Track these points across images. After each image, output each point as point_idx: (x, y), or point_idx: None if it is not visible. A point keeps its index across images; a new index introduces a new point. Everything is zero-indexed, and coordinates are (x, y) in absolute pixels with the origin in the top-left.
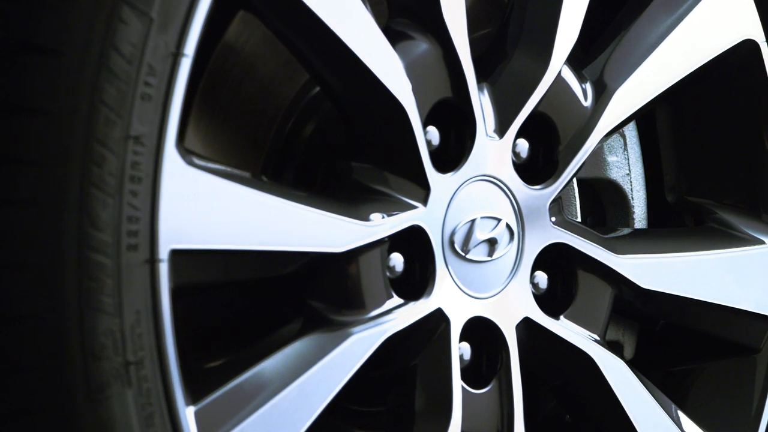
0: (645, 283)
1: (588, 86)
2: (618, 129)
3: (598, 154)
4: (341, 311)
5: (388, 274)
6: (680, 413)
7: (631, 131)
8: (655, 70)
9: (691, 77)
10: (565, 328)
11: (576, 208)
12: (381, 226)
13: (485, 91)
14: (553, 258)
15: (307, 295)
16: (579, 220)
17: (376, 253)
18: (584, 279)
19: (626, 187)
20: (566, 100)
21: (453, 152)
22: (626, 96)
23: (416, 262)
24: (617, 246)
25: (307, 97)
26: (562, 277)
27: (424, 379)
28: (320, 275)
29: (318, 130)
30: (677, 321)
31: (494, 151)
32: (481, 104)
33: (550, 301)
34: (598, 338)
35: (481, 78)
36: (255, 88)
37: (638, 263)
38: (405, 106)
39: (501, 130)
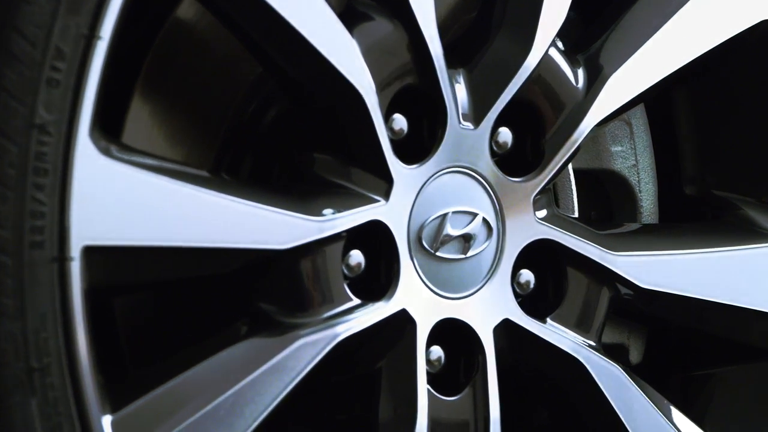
0: (645, 282)
1: (581, 71)
2: (615, 117)
3: (600, 143)
4: (289, 313)
5: (347, 272)
6: (683, 421)
7: (638, 119)
8: (659, 51)
9: (706, 59)
10: (551, 331)
11: (573, 201)
12: (332, 221)
13: (461, 78)
14: (540, 256)
15: (254, 296)
16: (576, 215)
17: (331, 250)
18: (575, 278)
19: (632, 179)
20: (553, 86)
21: (423, 142)
22: (624, 81)
23: (379, 261)
24: (614, 243)
25: (268, 82)
26: (551, 276)
27: (388, 384)
28: (267, 274)
29: (279, 118)
30: (688, 323)
31: (469, 140)
32: (453, 91)
33: (538, 301)
34: (590, 342)
35: (457, 64)
36: (209, 72)
37: (637, 261)
38: (362, 92)
39: (476, 118)
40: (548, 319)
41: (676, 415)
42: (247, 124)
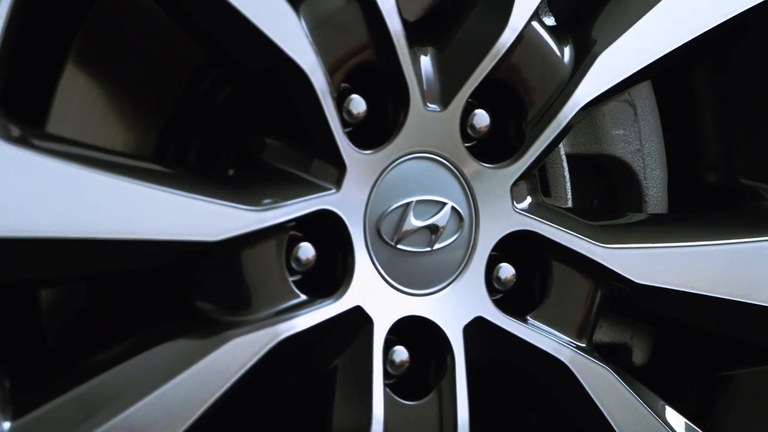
0: (641, 277)
1: (568, 48)
2: (608, 98)
3: (599, 126)
4: (224, 311)
5: (295, 267)
6: (678, 421)
7: (643, 99)
8: (661, 24)
9: (732, 29)
10: (531, 330)
11: (566, 190)
12: (271, 212)
13: (430, 55)
14: (522, 249)
15: (188, 293)
16: (569, 204)
17: (272, 243)
18: (560, 274)
19: (636, 165)
20: (535, 64)
21: (385, 126)
22: (617, 58)
23: (332, 254)
24: (606, 235)
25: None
26: (533, 271)
27: (343, 387)
28: (200, 270)
29: (228, 101)
30: (697, 323)
31: (437, 124)
32: (418, 70)
33: (519, 298)
34: (577, 343)
35: (425, 41)
36: (151, 52)
37: (630, 255)
38: (306, 71)
39: (445, 99)
40: (529, 318)
41: (671, 415)
42: (195, 108)
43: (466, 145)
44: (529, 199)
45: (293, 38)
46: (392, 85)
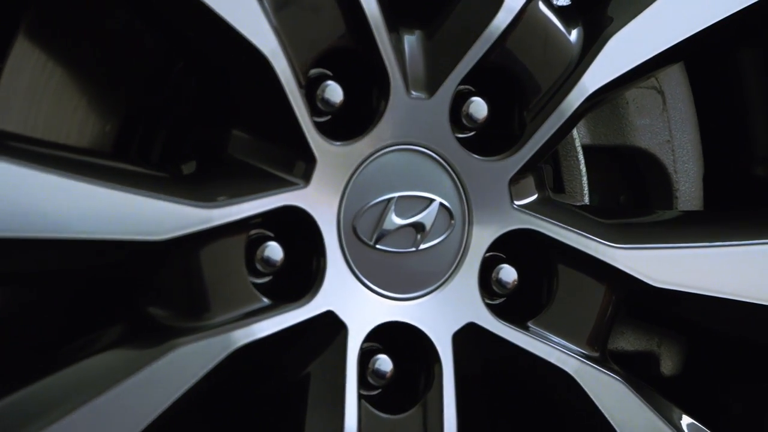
0: (658, 280)
1: (577, 31)
2: (622, 85)
3: (622, 116)
4: (176, 317)
5: (261, 268)
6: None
7: (674, 86)
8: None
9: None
10: (531, 337)
11: (582, 185)
12: (225, 208)
13: (417, 39)
14: (524, 250)
15: (137, 297)
16: (587, 200)
17: (230, 243)
18: (567, 276)
19: (665, 158)
20: (536, 48)
21: (366, 116)
22: (631, 41)
23: (302, 255)
24: (620, 234)
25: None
26: (536, 273)
27: (315, 398)
28: (149, 271)
29: (194, 91)
30: (726, 330)
31: (423, 113)
32: (398, 54)
33: (522, 303)
34: (585, 351)
35: (413, 23)
36: (108, 40)
37: (645, 255)
38: (267, 55)
39: (432, 86)
40: (530, 324)
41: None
42: (158, 98)
43: (459, 136)
44: (533, 195)
45: (251, 20)
46: (371, 71)
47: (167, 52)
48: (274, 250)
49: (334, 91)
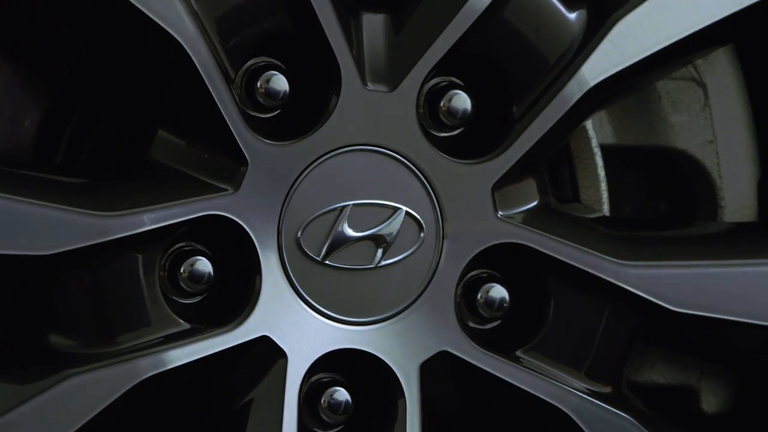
0: (677, 303)
1: (578, 14)
2: (636, 78)
3: (653, 111)
4: (73, 343)
5: (186, 287)
6: None
7: (719, 76)
8: None
9: None
10: (518, 369)
11: (600, 191)
12: (125, 219)
13: (381, 23)
14: (512, 267)
15: (29, 319)
16: (606, 209)
17: (141, 258)
18: (563, 298)
19: (708, 161)
20: (528, 34)
21: (312, 112)
22: (643, 26)
23: (233, 271)
24: (634, 249)
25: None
26: (528, 294)
27: None
28: (39, 290)
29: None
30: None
31: (384, 108)
32: (354, 42)
33: (510, 329)
34: (589, 387)
35: (379, 5)
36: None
37: (659, 274)
38: (183, 43)
39: (394, 78)
40: (519, 353)
41: None
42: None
43: (437, 134)
44: (529, 203)
45: (165, 5)
46: (319, 60)
47: (86, 43)
48: (199, 266)
49: (276, 83)
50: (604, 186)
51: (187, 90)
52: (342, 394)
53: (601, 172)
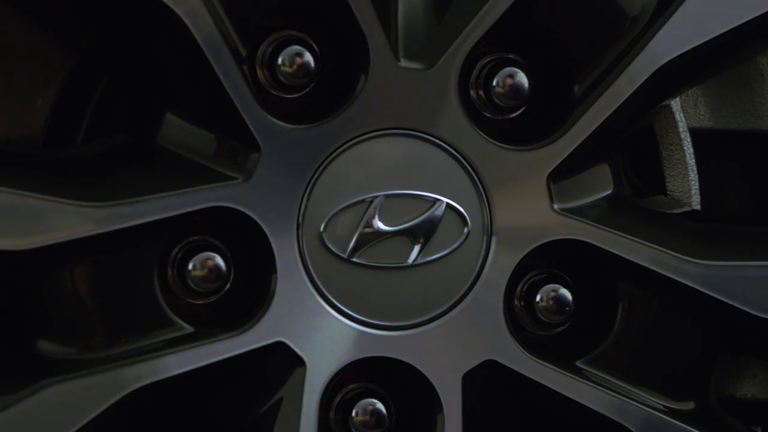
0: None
1: None
2: (719, 55)
3: (756, 91)
4: (60, 347)
5: (195, 287)
6: None
7: None
8: None
9: None
10: (579, 381)
11: (688, 180)
12: (115, 209)
13: None
14: (572, 266)
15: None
16: (697, 203)
17: (137, 253)
18: (632, 302)
19: None
20: (588, 3)
21: (339, 92)
22: None
23: (249, 269)
24: (717, 247)
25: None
26: (591, 298)
27: None
28: (21, 288)
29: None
30: None
31: (422, 88)
32: (383, 14)
33: (569, 336)
34: (662, 402)
35: None
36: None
37: (741, 275)
38: (184, 18)
39: (432, 53)
40: (580, 364)
41: None
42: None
43: (489, 116)
44: (599, 193)
45: None
46: (343, 33)
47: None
48: (217, 264)
49: (298, 60)
50: (693, 176)
51: (192, 68)
52: (378, 406)
53: (691, 161)
